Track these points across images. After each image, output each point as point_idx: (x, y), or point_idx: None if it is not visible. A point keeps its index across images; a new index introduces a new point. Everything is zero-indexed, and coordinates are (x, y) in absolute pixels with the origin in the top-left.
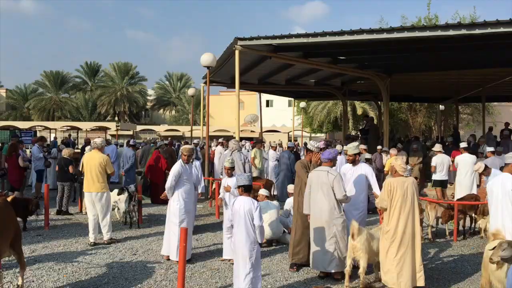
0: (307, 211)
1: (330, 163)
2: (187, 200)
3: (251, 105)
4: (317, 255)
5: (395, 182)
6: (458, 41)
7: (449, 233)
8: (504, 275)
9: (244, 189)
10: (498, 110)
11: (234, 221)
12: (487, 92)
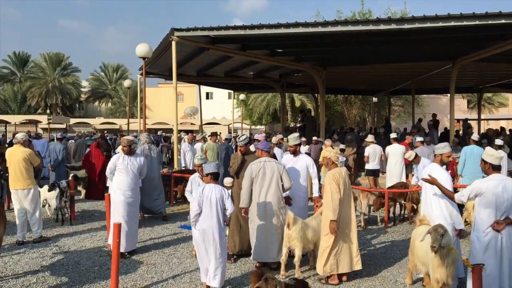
0: (245, 204)
1: (268, 154)
2: (127, 193)
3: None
4: (263, 247)
5: (336, 172)
6: (388, 35)
7: (380, 220)
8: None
9: (212, 177)
10: (427, 102)
11: (205, 208)
12: (417, 85)
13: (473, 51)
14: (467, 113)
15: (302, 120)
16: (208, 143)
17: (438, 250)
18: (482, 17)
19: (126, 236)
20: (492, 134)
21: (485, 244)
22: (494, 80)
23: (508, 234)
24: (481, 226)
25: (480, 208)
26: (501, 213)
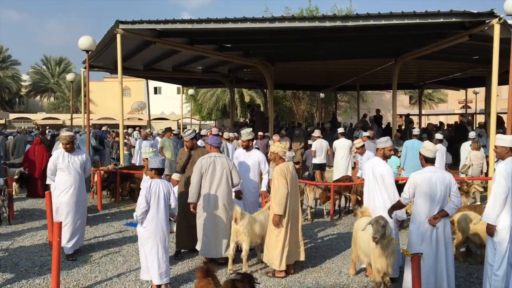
0: (193, 199)
1: (217, 149)
2: (71, 192)
3: (138, 92)
4: (211, 242)
5: (284, 167)
6: (334, 32)
7: (326, 213)
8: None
9: (156, 172)
10: (372, 98)
11: (152, 204)
12: (361, 81)
13: (414, 48)
14: (409, 108)
15: (251, 115)
16: (164, 139)
17: (379, 241)
18: (422, 16)
19: (71, 236)
20: (432, 129)
21: (422, 235)
22: (434, 77)
23: (443, 225)
24: (418, 217)
25: (416, 199)
26: (436, 204)
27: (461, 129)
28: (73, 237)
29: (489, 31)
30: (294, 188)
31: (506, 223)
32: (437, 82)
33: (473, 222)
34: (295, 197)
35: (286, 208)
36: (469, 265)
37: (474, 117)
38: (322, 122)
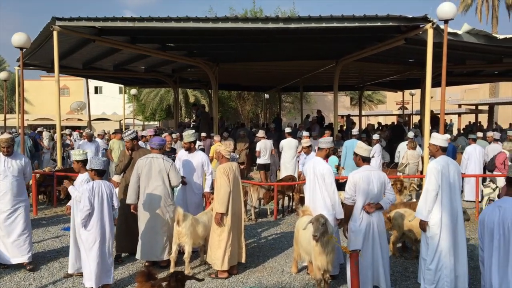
0: (132, 201)
1: (159, 151)
2: (8, 199)
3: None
4: (149, 245)
5: (227, 166)
6: (277, 34)
7: (270, 212)
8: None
9: (97, 173)
10: (315, 99)
11: (97, 205)
12: (305, 82)
13: (354, 51)
14: (350, 109)
15: (196, 115)
16: (113, 141)
17: (319, 239)
18: (360, 19)
19: (12, 247)
20: (371, 129)
21: (360, 231)
22: (373, 78)
23: (378, 220)
24: (356, 214)
25: (356, 197)
26: (373, 201)
27: (398, 129)
28: (12, 248)
29: (423, 35)
30: (236, 188)
31: (437, 219)
32: (376, 84)
33: (409, 219)
34: (237, 197)
35: (228, 207)
36: (405, 260)
37: (410, 118)
38: (267, 122)
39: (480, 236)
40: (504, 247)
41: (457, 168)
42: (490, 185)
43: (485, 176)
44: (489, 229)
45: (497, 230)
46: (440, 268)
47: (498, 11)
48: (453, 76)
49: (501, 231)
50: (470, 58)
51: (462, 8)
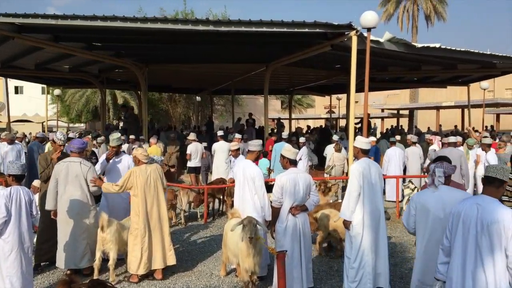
0: (51, 207)
1: (78, 154)
2: None
3: None
4: (67, 252)
5: (137, 170)
6: (208, 36)
7: (200, 216)
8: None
9: (15, 178)
10: (246, 102)
11: (14, 212)
12: (236, 85)
13: (283, 55)
14: (281, 112)
15: (124, 117)
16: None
17: (252, 240)
18: (289, 25)
19: None
20: (300, 132)
21: (287, 232)
22: (302, 83)
23: (303, 221)
24: (283, 216)
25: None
26: (298, 203)
27: (326, 132)
28: None
29: (348, 42)
30: (152, 191)
31: (360, 218)
32: (305, 88)
33: (334, 219)
34: (154, 199)
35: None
36: (330, 259)
37: (337, 121)
38: (198, 125)
39: (451, 227)
40: (476, 242)
41: (378, 170)
42: (409, 185)
43: (405, 177)
44: (466, 224)
45: (473, 227)
46: (363, 266)
47: (417, 21)
48: (376, 82)
49: (479, 228)
50: (391, 65)
51: (384, 17)
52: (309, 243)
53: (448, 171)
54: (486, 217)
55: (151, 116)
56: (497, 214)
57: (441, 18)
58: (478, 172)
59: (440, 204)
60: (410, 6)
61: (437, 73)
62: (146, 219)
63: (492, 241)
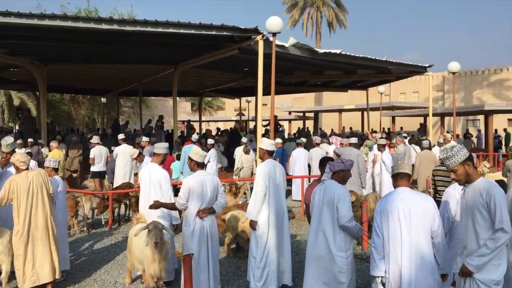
0: None
1: None
2: None
3: None
4: None
5: (17, 177)
6: (112, 36)
7: (105, 222)
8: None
9: None
10: (155, 104)
11: None
12: (144, 87)
13: (191, 57)
14: (191, 115)
15: (20, 120)
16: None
17: (157, 245)
18: (196, 27)
19: None
20: (209, 134)
21: (195, 235)
22: (212, 85)
23: (211, 223)
24: (190, 219)
25: (190, 202)
26: (206, 204)
27: (235, 134)
28: None
29: (255, 46)
30: (36, 199)
31: (265, 218)
32: (215, 91)
33: (242, 220)
34: (41, 208)
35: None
36: (238, 259)
37: (247, 123)
38: (105, 127)
39: (380, 224)
40: (408, 230)
41: (282, 171)
42: None
43: (309, 177)
44: (394, 215)
45: (403, 216)
46: (268, 264)
47: (321, 28)
48: (283, 85)
49: (407, 214)
50: (297, 69)
51: (290, 23)
52: (217, 245)
53: (334, 168)
54: (410, 204)
55: (51, 118)
56: (419, 201)
57: (342, 25)
58: (375, 171)
59: (322, 194)
60: (314, 13)
61: (338, 78)
62: (28, 229)
63: (419, 225)
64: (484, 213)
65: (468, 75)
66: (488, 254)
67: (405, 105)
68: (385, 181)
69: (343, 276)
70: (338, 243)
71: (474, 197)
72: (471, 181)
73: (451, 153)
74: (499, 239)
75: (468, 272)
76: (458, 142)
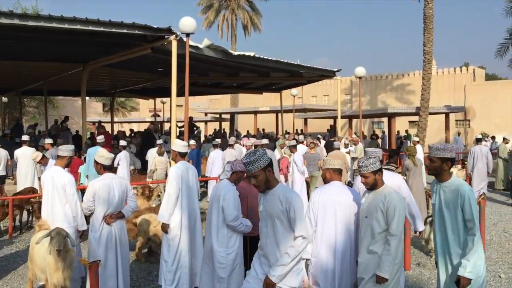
0: None
1: None
2: None
3: None
4: None
5: None
6: (13, 31)
7: (4, 230)
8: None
9: None
10: (63, 104)
11: None
12: (49, 86)
13: (102, 56)
14: (103, 115)
15: None
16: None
17: (60, 253)
18: (106, 24)
19: None
20: (122, 136)
21: (101, 240)
22: (125, 85)
23: (120, 228)
24: (96, 224)
25: (96, 207)
26: (113, 209)
27: (149, 136)
28: None
29: (169, 46)
30: None
31: (178, 221)
32: (128, 91)
33: (154, 224)
34: None
35: None
36: (150, 264)
37: (162, 125)
38: (4, 128)
39: (314, 214)
40: (340, 220)
41: (195, 173)
42: None
43: None
44: (329, 206)
45: (338, 207)
46: (180, 267)
47: (236, 30)
48: (199, 87)
49: (341, 206)
50: (212, 70)
51: (206, 24)
52: (126, 250)
53: (235, 168)
54: (343, 198)
55: None
56: (350, 195)
57: (257, 29)
58: (290, 170)
59: (214, 191)
60: (229, 16)
61: (253, 80)
62: None
63: (350, 216)
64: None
65: (374, 79)
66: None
67: (317, 107)
68: (296, 181)
69: (222, 271)
70: (220, 239)
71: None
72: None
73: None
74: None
75: None
76: (365, 142)
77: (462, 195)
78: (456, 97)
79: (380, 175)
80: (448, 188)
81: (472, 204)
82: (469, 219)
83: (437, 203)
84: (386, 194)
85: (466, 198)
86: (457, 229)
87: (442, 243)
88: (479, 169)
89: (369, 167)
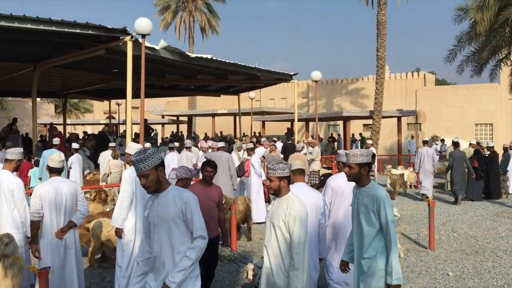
0: None
1: None
2: None
3: None
4: None
5: None
6: None
7: None
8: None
9: None
10: (13, 105)
11: None
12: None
13: (54, 56)
14: (55, 117)
15: None
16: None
17: (2, 261)
18: (58, 24)
19: None
20: (74, 138)
21: (50, 247)
22: (78, 86)
23: (71, 233)
24: (44, 230)
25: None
26: (63, 214)
27: (103, 138)
28: None
29: (124, 47)
30: None
31: (132, 225)
32: (82, 92)
33: (107, 229)
34: None
35: None
36: (103, 270)
37: (117, 127)
38: None
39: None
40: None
41: None
42: None
43: None
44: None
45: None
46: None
47: (194, 32)
48: (156, 88)
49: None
50: (169, 72)
51: (163, 25)
52: (78, 256)
53: (180, 175)
54: (306, 199)
55: None
56: (312, 195)
57: (215, 31)
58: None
59: None
60: (187, 17)
61: (211, 82)
62: None
63: (312, 215)
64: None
65: (330, 83)
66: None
67: (274, 110)
68: (253, 184)
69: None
70: None
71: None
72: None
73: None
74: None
75: None
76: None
77: (377, 200)
78: (408, 101)
79: (285, 182)
80: (366, 193)
81: (387, 208)
82: (384, 222)
83: (356, 206)
84: (288, 203)
85: (382, 202)
86: (373, 233)
87: (358, 246)
88: (426, 168)
89: (276, 171)
